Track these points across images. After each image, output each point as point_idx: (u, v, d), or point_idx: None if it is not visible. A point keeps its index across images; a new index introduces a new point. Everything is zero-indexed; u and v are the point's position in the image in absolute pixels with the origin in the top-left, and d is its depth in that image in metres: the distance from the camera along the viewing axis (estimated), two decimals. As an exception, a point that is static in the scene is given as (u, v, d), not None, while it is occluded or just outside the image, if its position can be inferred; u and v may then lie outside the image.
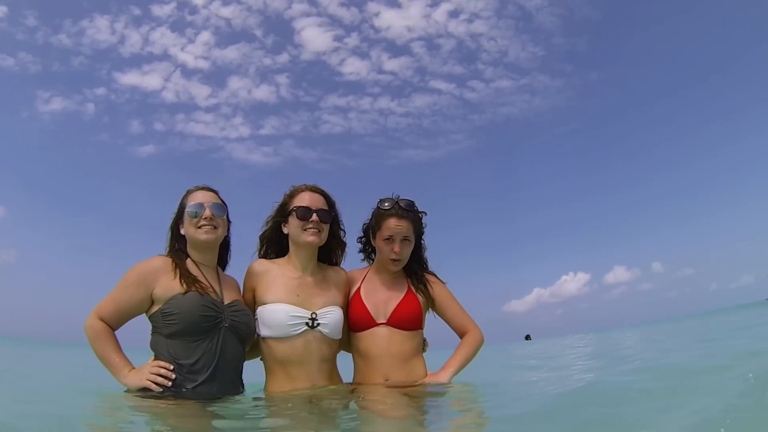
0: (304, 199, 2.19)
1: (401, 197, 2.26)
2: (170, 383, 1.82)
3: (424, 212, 2.33)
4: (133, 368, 1.90)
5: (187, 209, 2.07)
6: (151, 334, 1.97)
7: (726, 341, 5.07)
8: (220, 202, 2.15)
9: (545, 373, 3.96)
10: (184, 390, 1.83)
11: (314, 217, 2.15)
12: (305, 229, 2.15)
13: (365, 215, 2.40)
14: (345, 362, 2.28)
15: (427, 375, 2.21)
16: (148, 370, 1.85)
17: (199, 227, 2.05)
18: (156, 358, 1.91)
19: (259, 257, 2.33)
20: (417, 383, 2.15)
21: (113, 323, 1.96)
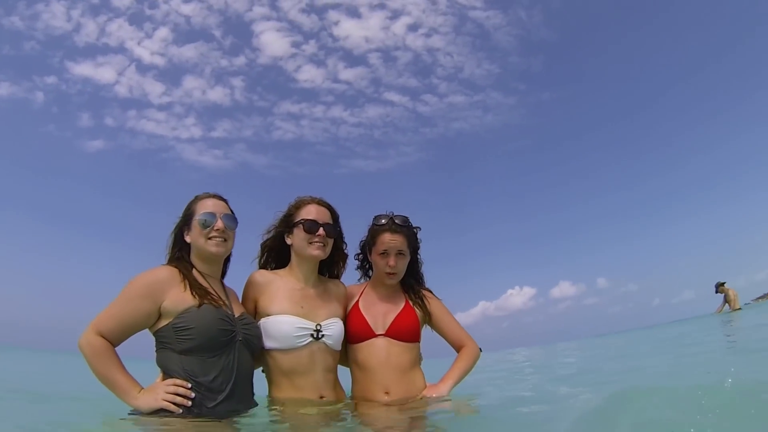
0: (310, 212, 2.19)
1: (395, 213, 2.34)
2: (189, 403, 1.70)
3: (418, 227, 2.41)
4: (143, 388, 1.75)
5: (198, 218, 1.97)
6: (159, 350, 1.84)
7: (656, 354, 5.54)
8: (231, 212, 2.08)
9: (524, 382, 4.18)
10: (203, 409, 1.73)
11: (321, 231, 2.16)
12: (311, 242, 2.16)
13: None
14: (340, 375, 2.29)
15: (426, 387, 2.26)
16: (164, 389, 1.71)
17: (210, 238, 1.97)
18: (168, 376, 1.77)
19: (259, 266, 2.32)
20: (418, 397, 2.20)
21: (114, 339, 1.79)
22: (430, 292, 2.48)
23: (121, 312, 1.80)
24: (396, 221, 2.32)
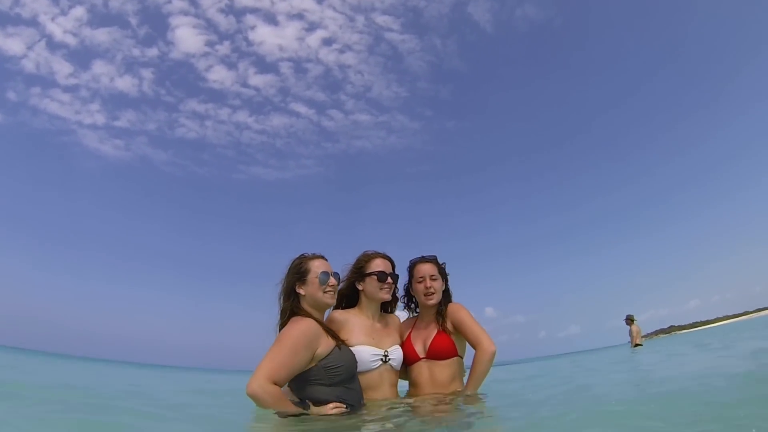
0: (379, 265, 2.87)
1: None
2: None
3: (444, 263, 3.09)
4: None
5: (318, 276, 2.55)
6: (308, 386, 2.36)
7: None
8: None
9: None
10: None
11: (389, 279, 2.88)
12: (382, 288, 2.86)
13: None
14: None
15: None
16: (331, 411, 2.30)
17: (326, 292, 2.55)
18: (322, 404, 2.33)
19: (334, 308, 2.91)
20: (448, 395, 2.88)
21: (282, 384, 2.27)
22: (452, 303, 3.00)
23: (291, 362, 2.29)
24: (424, 256, 3.10)
